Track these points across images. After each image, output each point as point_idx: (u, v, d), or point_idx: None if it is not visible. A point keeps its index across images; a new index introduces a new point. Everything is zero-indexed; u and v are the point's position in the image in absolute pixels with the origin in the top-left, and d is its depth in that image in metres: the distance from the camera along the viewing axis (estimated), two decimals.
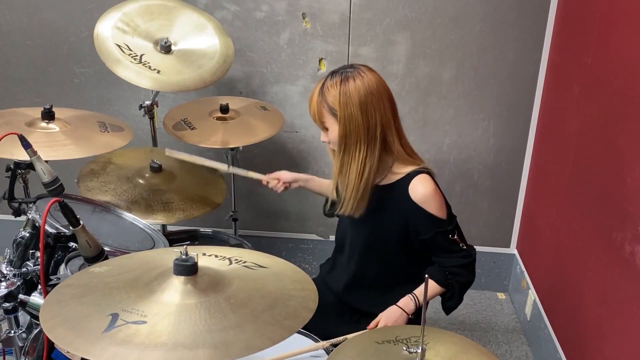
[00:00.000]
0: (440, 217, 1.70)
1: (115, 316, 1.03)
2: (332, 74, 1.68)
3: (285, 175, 2.08)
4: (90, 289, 1.15)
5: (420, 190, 1.69)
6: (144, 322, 1.02)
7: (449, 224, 1.73)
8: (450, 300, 1.81)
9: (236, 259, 1.29)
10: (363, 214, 1.74)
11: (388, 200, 1.73)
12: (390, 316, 1.75)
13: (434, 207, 1.70)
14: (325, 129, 1.71)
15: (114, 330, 1.00)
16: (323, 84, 1.68)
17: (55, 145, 1.85)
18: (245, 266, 1.26)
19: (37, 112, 1.98)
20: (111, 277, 1.20)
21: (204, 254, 1.28)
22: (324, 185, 2.07)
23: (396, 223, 1.74)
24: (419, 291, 1.78)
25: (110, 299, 1.09)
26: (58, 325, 1.03)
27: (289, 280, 1.24)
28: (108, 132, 2.01)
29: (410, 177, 1.71)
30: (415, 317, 1.78)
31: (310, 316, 1.12)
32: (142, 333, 0.99)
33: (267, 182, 2.09)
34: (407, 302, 1.76)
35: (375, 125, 1.65)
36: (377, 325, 1.74)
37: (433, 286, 1.75)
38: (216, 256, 1.29)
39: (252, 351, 0.99)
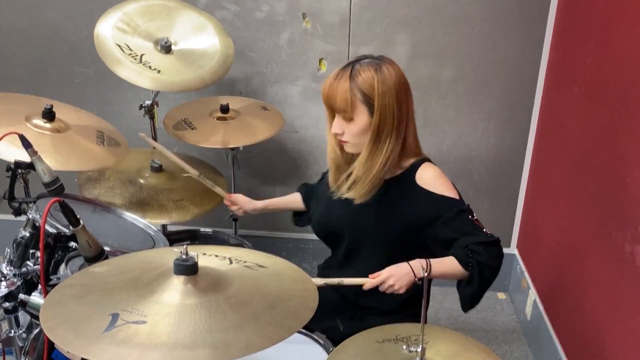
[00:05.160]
0: (453, 197, 1.67)
1: (115, 316, 1.03)
2: (359, 61, 1.62)
3: (243, 201, 2.09)
4: (90, 289, 1.15)
5: (426, 175, 1.68)
6: (144, 322, 1.02)
7: (464, 204, 1.67)
8: (469, 286, 1.62)
9: (236, 259, 1.29)
10: (368, 208, 1.70)
11: (394, 193, 1.70)
12: (396, 271, 1.61)
13: (443, 188, 1.67)
14: (349, 120, 1.63)
15: (114, 330, 1.00)
16: (352, 71, 1.60)
17: (41, 151, 1.68)
18: (246, 266, 1.26)
19: (41, 104, 1.89)
20: (111, 277, 1.20)
21: (204, 254, 1.28)
22: (287, 203, 2.10)
23: (401, 216, 1.70)
24: (435, 261, 1.61)
25: (110, 299, 1.09)
26: (58, 325, 1.03)
27: (289, 280, 1.24)
28: (103, 145, 1.94)
29: (414, 167, 1.70)
30: (421, 286, 1.66)
31: (311, 316, 1.12)
32: (142, 333, 0.99)
33: (231, 204, 2.11)
34: (417, 265, 1.60)
35: (404, 116, 1.63)
36: (379, 277, 1.62)
37: (453, 263, 1.61)
38: (216, 256, 1.29)
39: (252, 351, 0.99)
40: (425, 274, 1.40)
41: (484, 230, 1.65)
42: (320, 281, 1.60)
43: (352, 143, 1.67)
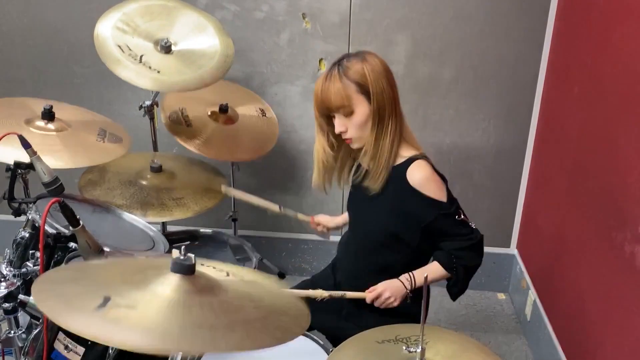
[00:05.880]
0: (439, 199, 1.69)
1: (107, 298, 1.02)
2: (344, 59, 1.69)
3: (325, 220, 2.12)
4: (86, 274, 1.14)
5: (417, 174, 1.69)
6: (135, 308, 1.01)
7: (449, 207, 1.71)
8: (455, 286, 1.79)
9: (234, 274, 1.28)
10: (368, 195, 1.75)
11: (388, 182, 1.72)
12: (390, 285, 1.74)
13: (432, 190, 1.69)
14: (350, 114, 1.68)
15: (104, 310, 0.99)
16: (339, 68, 1.67)
17: (48, 150, 1.78)
18: (242, 280, 1.25)
19: (41, 106, 1.93)
20: (108, 269, 1.20)
21: (202, 265, 1.27)
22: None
23: (390, 207, 1.74)
24: (417, 272, 1.76)
25: (105, 284, 1.08)
26: (51, 298, 1.02)
27: (284, 298, 1.23)
28: (104, 142, 1.98)
29: (409, 162, 1.71)
30: (413, 298, 1.77)
31: (301, 333, 1.12)
32: (131, 317, 0.98)
33: (316, 225, 2.13)
34: (407, 279, 1.75)
35: (397, 99, 1.70)
36: (374, 291, 1.74)
37: (438, 269, 1.75)
38: (214, 268, 1.28)
39: (240, 349, 0.99)
40: (411, 287, 1.72)
41: (470, 224, 1.73)
42: (325, 293, 1.70)
43: (356, 137, 1.72)
